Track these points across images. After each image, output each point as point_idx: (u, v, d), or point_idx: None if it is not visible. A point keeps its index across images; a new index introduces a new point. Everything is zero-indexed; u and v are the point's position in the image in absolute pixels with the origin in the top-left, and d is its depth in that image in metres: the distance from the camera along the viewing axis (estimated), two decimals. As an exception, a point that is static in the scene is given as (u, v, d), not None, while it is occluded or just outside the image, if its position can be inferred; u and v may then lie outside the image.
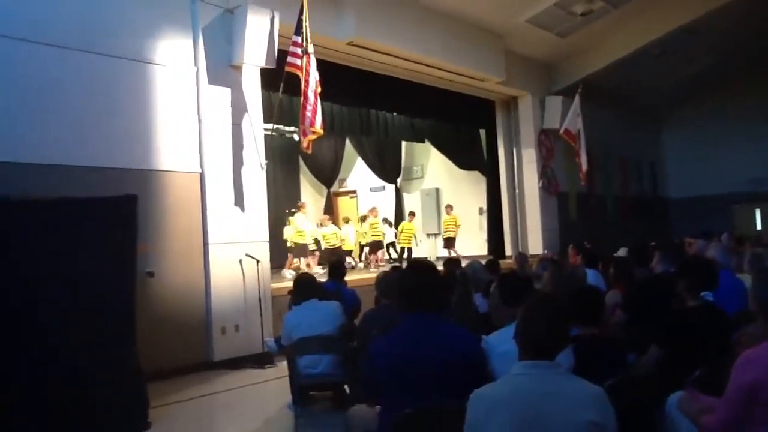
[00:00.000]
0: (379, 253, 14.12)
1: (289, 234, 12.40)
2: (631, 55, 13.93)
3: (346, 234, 14.10)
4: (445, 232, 14.66)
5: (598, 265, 6.69)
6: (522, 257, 8.63)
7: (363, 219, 14.83)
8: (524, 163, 14.69)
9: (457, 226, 14.47)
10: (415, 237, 14.38)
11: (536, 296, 2.49)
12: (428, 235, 16.54)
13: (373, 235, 13.95)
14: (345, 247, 13.80)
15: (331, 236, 13.23)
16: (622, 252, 8.09)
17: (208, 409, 6.40)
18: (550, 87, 14.91)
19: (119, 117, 7.21)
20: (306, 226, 12.42)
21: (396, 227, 15.04)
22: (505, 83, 13.11)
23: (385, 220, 14.94)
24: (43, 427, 4.65)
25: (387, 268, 8.95)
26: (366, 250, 14.35)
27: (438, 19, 11.20)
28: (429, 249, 16.31)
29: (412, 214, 15.03)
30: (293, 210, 12.90)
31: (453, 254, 13.32)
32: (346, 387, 5.48)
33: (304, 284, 5.61)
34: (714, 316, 3.65)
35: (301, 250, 12.31)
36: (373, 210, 14.49)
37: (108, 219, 5.39)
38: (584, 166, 13.85)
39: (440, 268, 6.27)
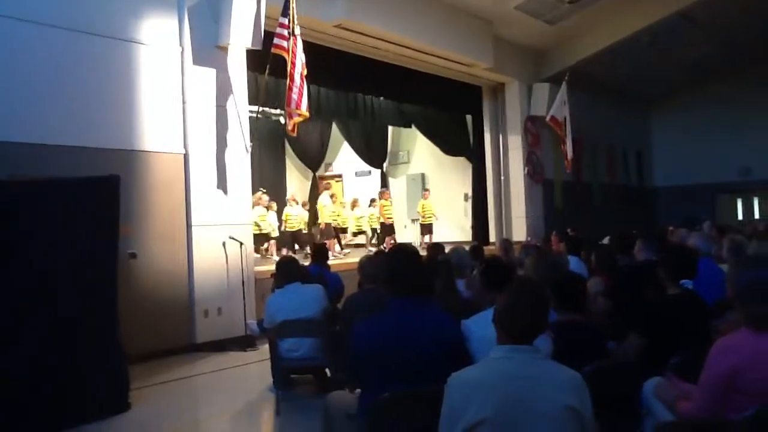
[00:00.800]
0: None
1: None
2: (620, 43, 13.91)
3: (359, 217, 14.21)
4: (423, 218, 14.46)
5: (581, 253, 6.72)
6: (506, 243, 8.67)
7: (372, 202, 14.72)
8: (510, 150, 14.68)
9: (432, 214, 14.32)
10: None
11: (517, 282, 2.49)
12: (413, 220, 16.54)
13: (387, 218, 13.97)
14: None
15: (294, 219, 12.96)
16: (606, 240, 8.13)
17: (189, 391, 6.40)
18: (538, 74, 14.88)
19: (103, 96, 7.12)
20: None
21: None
22: (492, 69, 13.06)
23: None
24: (20, 405, 4.62)
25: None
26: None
27: (427, 3, 11.12)
28: (414, 235, 16.32)
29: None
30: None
31: (430, 241, 13.27)
32: (327, 371, 5.51)
33: (287, 267, 5.60)
34: (693, 304, 3.69)
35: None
36: (384, 193, 14.49)
37: (90, 199, 5.34)
38: (570, 154, 13.87)
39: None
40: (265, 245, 12.39)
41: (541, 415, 2.14)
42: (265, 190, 12.88)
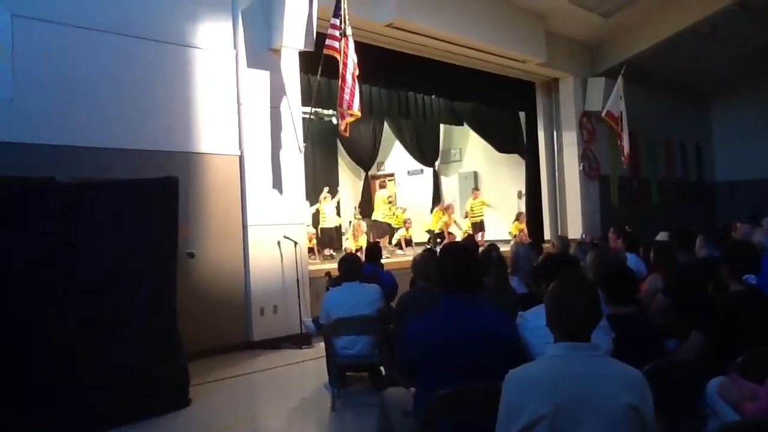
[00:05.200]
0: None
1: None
2: (678, 35, 13.50)
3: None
4: (473, 216, 14.39)
5: (639, 249, 6.57)
6: (564, 240, 8.51)
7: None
8: (564, 146, 14.43)
9: (481, 212, 14.32)
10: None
11: (564, 278, 2.43)
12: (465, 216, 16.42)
13: (476, 216, 14.20)
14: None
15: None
16: (662, 236, 7.92)
17: (246, 388, 6.50)
18: (593, 68, 14.59)
19: (160, 100, 7.32)
20: None
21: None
22: (545, 65, 12.87)
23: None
24: (82, 401, 4.76)
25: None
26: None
27: (478, 0, 11.05)
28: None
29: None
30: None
31: (482, 239, 13.21)
32: (381, 368, 5.53)
33: (352, 265, 5.64)
34: (757, 301, 3.56)
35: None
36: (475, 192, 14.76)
37: (150, 200, 5.48)
38: (626, 149, 13.55)
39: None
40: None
41: (600, 414, 2.09)
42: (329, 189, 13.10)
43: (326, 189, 12.92)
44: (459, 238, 13.82)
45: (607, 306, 3.43)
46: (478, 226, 14.22)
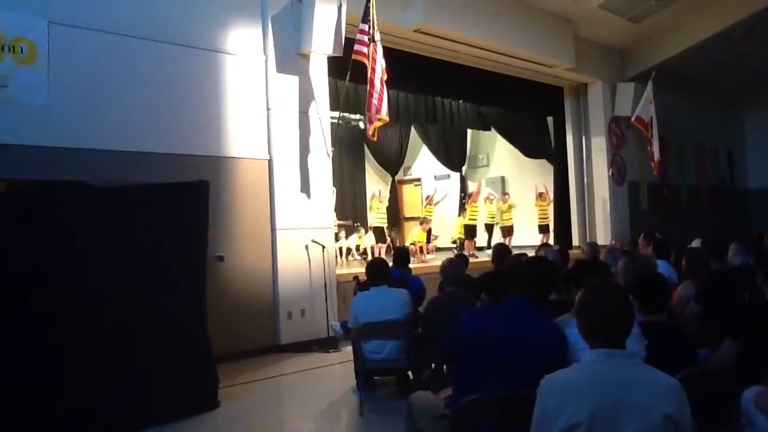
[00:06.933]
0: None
1: None
2: (710, 40, 13.31)
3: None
4: (503, 221, 14.44)
5: (670, 257, 6.49)
6: (594, 246, 8.43)
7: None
8: (593, 152, 14.31)
9: (510, 217, 14.39)
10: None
11: (595, 283, 2.41)
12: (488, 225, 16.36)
13: (506, 220, 14.36)
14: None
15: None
16: (695, 243, 7.81)
17: (274, 391, 6.54)
18: (622, 73, 14.46)
19: (192, 105, 7.43)
20: None
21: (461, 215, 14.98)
22: (574, 69, 12.80)
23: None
24: (116, 403, 4.83)
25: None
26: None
27: (506, 4, 11.03)
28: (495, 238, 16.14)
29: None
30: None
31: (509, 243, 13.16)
32: (409, 373, 5.52)
33: (379, 269, 5.64)
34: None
35: None
36: (505, 195, 14.82)
37: (181, 204, 5.54)
38: (656, 155, 13.36)
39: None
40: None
41: (638, 422, 2.05)
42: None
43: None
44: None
45: (639, 313, 3.39)
46: (507, 231, 14.23)
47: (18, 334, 4.54)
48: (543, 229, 14.18)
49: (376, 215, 13.28)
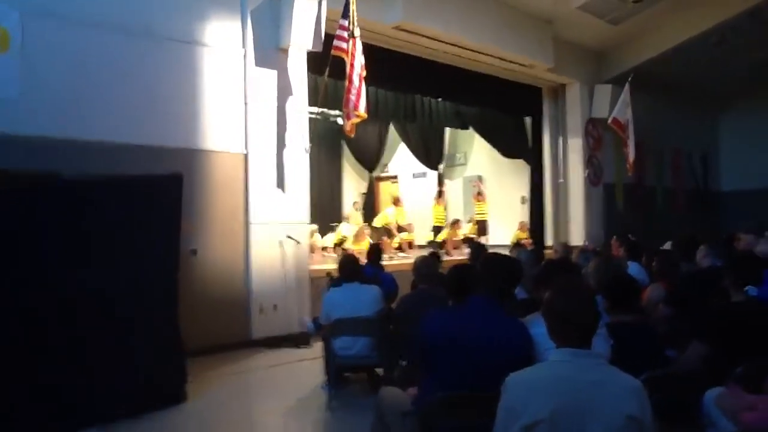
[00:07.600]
0: None
1: None
2: (686, 43, 13.45)
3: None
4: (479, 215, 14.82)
5: (641, 258, 6.55)
6: (565, 247, 8.50)
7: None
8: (570, 153, 14.39)
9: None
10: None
11: (561, 284, 2.43)
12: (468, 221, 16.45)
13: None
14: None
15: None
16: (668, 245, 7.90)
17: (243, 385, 6.50)
18: (600, 75, 14.55)
19: (169, 97, 7.34)
20: None
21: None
22: (553, 70, 12.86)
23: None
24: (78, 394, 4.77)
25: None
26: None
27: (486, 3, 11.04)
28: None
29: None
30: None
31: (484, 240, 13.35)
32: (380, 370, 5.53)
33: (350, 266, 5.63)
34: (759, 312, 3.55)
35: None
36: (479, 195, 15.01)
37: (154, 197, 5.49)
38: (632, 157, 13.51)
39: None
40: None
41: (600, 422, 2.08)
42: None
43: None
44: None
45: (608, 314, 3.42)
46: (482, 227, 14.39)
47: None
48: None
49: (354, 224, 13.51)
